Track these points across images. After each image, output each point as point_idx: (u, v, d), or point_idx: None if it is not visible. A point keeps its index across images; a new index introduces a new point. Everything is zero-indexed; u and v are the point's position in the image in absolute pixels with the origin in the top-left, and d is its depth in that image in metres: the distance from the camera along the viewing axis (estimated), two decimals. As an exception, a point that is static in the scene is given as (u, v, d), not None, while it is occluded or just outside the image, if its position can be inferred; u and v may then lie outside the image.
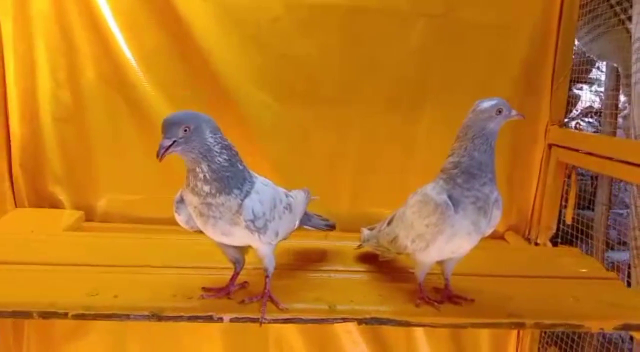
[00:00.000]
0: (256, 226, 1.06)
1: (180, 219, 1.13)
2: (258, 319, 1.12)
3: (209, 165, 1.02)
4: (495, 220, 1.12)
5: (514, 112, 1.14)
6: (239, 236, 1.09)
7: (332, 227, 1.46)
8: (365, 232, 1.44)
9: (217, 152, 1.03)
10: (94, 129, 1.81)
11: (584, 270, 1.47)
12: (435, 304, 1.16)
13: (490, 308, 1.19)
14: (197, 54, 1.78)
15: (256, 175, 1.14)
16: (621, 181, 1.95)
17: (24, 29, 1.74)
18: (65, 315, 1.12)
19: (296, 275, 1.34)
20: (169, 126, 0.99)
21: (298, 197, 1.29)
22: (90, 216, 1.86)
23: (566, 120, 2.07)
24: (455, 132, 1.85)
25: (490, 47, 1.84)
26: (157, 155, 0.98)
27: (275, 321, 1.15)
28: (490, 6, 1.81)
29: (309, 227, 1.38)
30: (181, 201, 1.10)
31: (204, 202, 1.04)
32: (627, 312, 1.20)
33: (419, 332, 1.89)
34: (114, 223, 1.86)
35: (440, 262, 1.21)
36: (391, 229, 1.26)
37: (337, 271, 1.38)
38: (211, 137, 1.03)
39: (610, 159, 1.54)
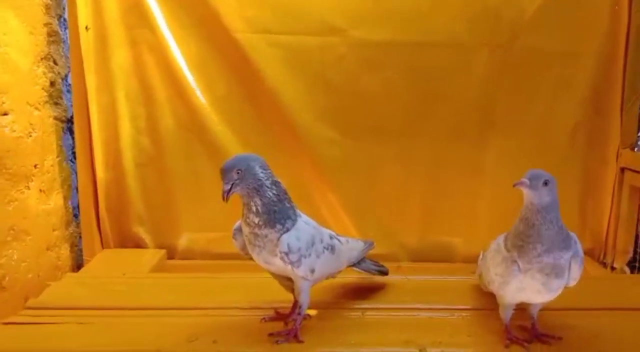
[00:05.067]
0: (290, 259, 1.17)
1: (236, 244, 1.28)
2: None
3: (261, 199, 1.16)
4: (575, 275, 1.13)
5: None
6: (279, 266, 1.20)
7: (384, 273, 1.51)
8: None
9: (267, 187, 1.16)
10: (173, 172, 1.91)
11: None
12: (525, 344, 1.18)
13: (579, 346, 1.19)
14: (266, 96, 1.86)
15: (302, 214, 1.25)
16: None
17: (106, 82, 1.85)
18: (171, 363, 1.19)
19: (383, 314, 1.38)
20: (224, 172, 1.16)
21: (351, 243, 1.38)
22: (171, 254, 1.96)
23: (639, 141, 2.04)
24: (523, 159, 1.87)
25: (556, 73, 1.84)
26: (223, 199, 1.15)
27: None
28: (553, 33, 1.82)
29: (359, 270, 1.45)
30: (239, 229, 1.24)
31: (252, 232, 1.18)
32: None
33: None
34: (195, 260, 1.94)
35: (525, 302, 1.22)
36: (481, 265, 1.29)
37: (421, 309, 1.39)
38: (262, 172, 1.16)
39: None
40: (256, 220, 1.16)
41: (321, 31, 1.82)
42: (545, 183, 1.09)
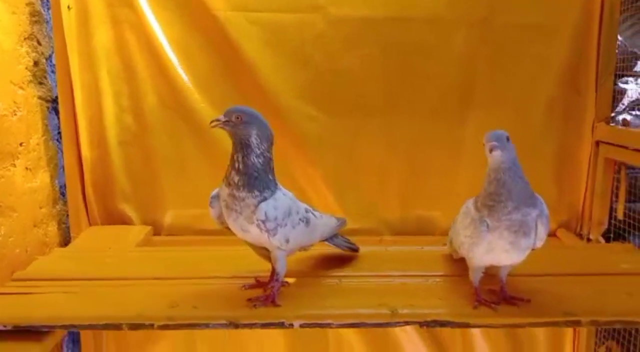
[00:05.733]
0: (266, 227, 1.20)
1: (212, 212, 1.31)
2: (330, 324, 1.22)
3: (244, 158, 1.19)
4: (541, 235, 1.18)
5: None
6: (254, 234, 1.24)
7: (354, 250, 1.57)
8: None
9: (255, 152, 1.20)
10: (156, 149, 1.94)
11: (637, 265, 1.49)
12: (493, 305, 1.23)
13: (546, 308, 1.24)
14: (247, 73, 1.88)
15: (282, 188, 1.29)
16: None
17: (89, 61, 1.87)
18: (151, 326, 1.23)
19: (358, 280, 1.43)
20: (230, 110, 1.21)
21: (325, 219, 1.42)
22: (157, 230, 1.99)
23: (613, 114, 2.08)
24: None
25: (533, 49, 1.87)
26: (210, 123, 1.21)
27: (345, 325, 1.24)
28: (530, 8, 1.85)
29: (331, 245, 1.50)
30: (216, 196, 1.28)
31: (230, 194, 1.21)
32: (683, 306, 1.24)
33: (475, 331, 1.95)
34: (180, 236, 1.98)
35: (495, 266, 1.27)
36: (451, 231, 1.33)
37: (396, 276, 1.45)
38: (255, 138, 1.20)
39: None
40: (236, 179, 1.20)
41: (300, 8, 1.84)
42: (508, 139, 1.15)
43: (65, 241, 1.91)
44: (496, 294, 1.28)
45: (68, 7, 1.80)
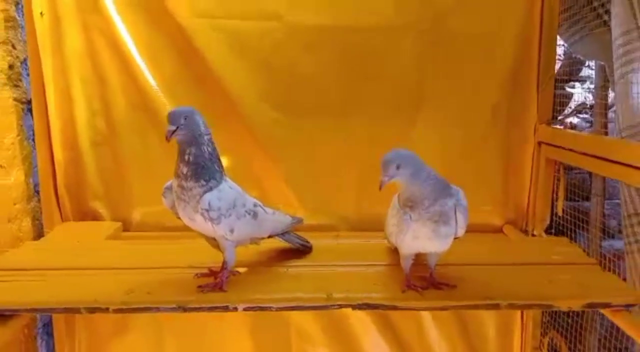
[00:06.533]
0: (210, 216, 1.30)
1: (165, 202, 1.41)
2: (270, 307, 1.32)
3: (196, 149, 1.28)
4: (461, 223, 1.29)
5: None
6: (200, 223, 1.33)
7: (307, 248, 1.65)
8: None
9: (205, 141, 1.29)
10: (126, 151, 2.03)
11: (561, 257, 1.60)
12: (419, 289, 1.34)
13: (469, 292, 1.35)
14: (211, 78, 1.97)
15: (229, 181, 1.38)
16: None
17: (62, 65, 1.95)
18: (107, 310, 1.33)
19: (305, 269, 1.54)
20: (172, 116, 1.29)
21: (277, 215, 1.52)
22: (127, 226, 2.08)
23: (561, 117, 2.21)
24: (449, 134, 2.03)
25: (478, 54, 1.98)
26: (166, 138, 1.28)
27: (284, 308, 1.35)
28: (474, 16, 1.96)
29: (282, 240, 1.58)
30: (169, 188, 1.38)
31: (179, 185, 1.30)
32: (595, 292, 1.35)
33: (427, 320, 2.05)
34: (148, 232, 2.06)
35: (424, 255, 1.38)
36: (385, 223, 1.45)
37: (340, 265, 1.55)
38: (203, 126, 1.30)
39: (594, 156, 1.64)
40: (185, 170, 1.29)
41: (260, 16, 1.94)
42: (398, 167, 1.22)
43: (39, 236, 1.98)
44: (426, 280, 1.39)
45: (41, 13, 1.89)
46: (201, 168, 1.30)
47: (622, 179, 1.58)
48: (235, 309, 1.32)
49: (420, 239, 1.28)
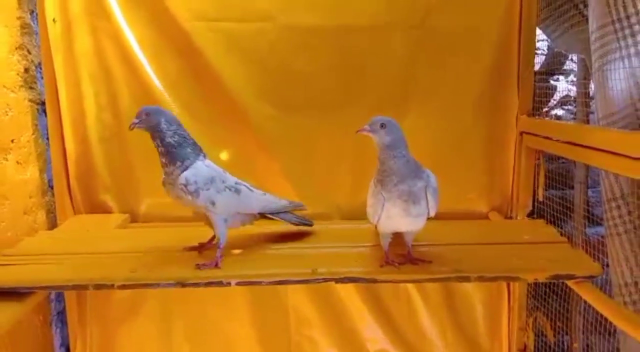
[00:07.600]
0: (188, 189, 1.47)
1: (166, 192, 1.57)
2: (261, 282, 1.45)
3: (160, 141, 1.49)
4: (432, 203, 1.40)
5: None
6: (185, 200, 1.50)
7: (308, 225, 1.77)
8: None
9: (167, 135, 1.48)
10: (132, 145, 2.14)
11: (534, 236, 1.69)
12: (396, 265, 1.45)
13: (442, 267, 1.46)
14: (211, 77, 2.09)
15: (206, 160, 1.55)
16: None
17: (72, 65, 2.08)
18: (112, 286, 1.47)
19: (294, 250, 1.66)
20: (138, 112, 1.51)
21: (267, 196, 1.67)
22: (134, 218, 2.19)
23: (545, 109, 2.30)
24: (436, 126, 2.13)
25: (462, 49, 2.08)
26: (129, 128, 1.51)
27: (273, 282, 1.47)
28: (457, 13, 2.06)
29: (280, 219, 1.70)
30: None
31: (165, 172, 1.51)
32: (560, 265, 1.45)
33: (415, 296, 2.15)
34: (155, 222, 2.18)
35: (402, 234, 1.49)
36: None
37: (327, 247, 1.67)
38: (165, 124, 1.49)
39: (572, 144, 1.70)
40: (163, 159, 1.50)
41: (254, 18, 2.05)
42: (382, 126, 1.33)
43: (53, 228, 2.12)
44: (404, 257, 1.50)
45: (53, 20, 2.03)
46: (173, 154, 1.49)
47: (598, 165, 1.65)
48: (229, 284, 1.45)
49: (394, 218, 1.39)
